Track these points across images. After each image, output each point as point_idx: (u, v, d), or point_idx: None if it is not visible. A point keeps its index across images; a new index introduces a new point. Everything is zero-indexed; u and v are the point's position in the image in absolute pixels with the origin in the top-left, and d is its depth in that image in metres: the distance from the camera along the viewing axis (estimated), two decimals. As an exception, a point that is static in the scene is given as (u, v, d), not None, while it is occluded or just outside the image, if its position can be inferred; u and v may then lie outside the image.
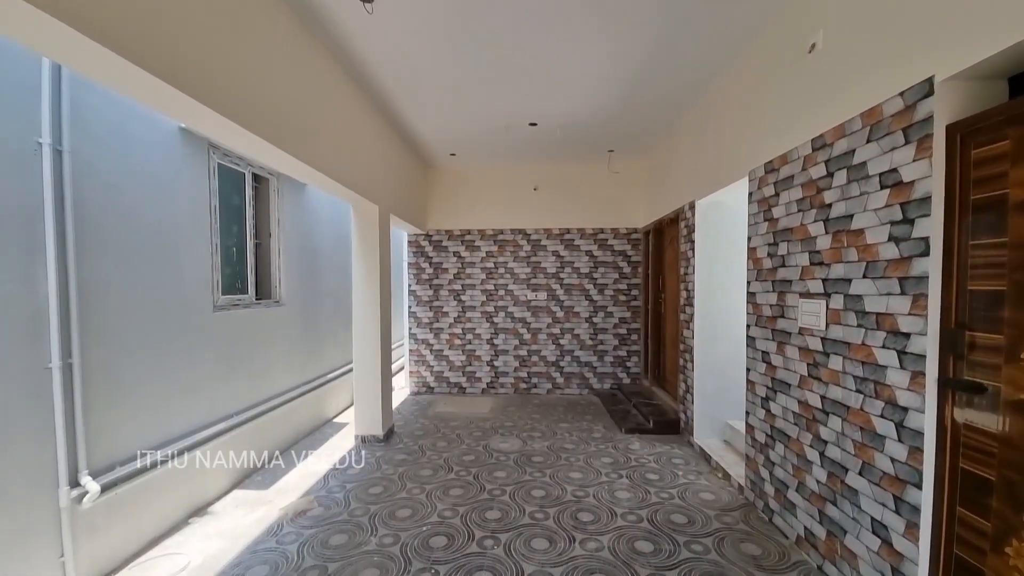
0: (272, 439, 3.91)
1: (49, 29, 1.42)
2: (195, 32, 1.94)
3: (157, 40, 1.75)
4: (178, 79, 1.83)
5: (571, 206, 6.19)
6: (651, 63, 3.39)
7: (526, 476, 3.49)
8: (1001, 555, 1.49)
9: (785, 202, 2.75)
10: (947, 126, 1.73)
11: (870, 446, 2.02)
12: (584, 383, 6.19)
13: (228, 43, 2.15)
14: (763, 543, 2.58)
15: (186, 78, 1.87)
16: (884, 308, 1.97)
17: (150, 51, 1.71)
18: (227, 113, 2.12)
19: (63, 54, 1.64)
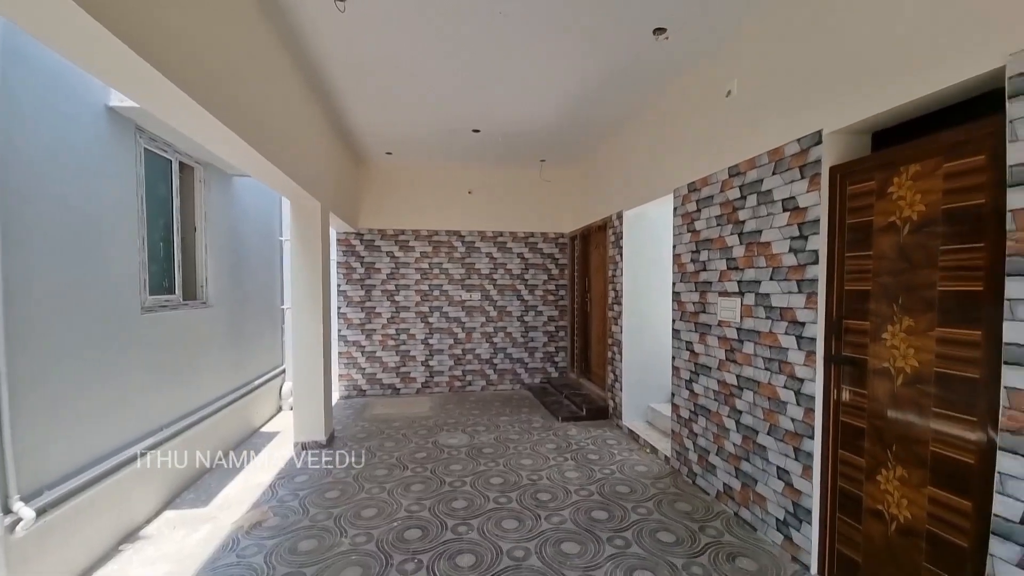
0: (203, 451, 3.58)
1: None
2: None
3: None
4: (129, 36, 1.54)
5: (504, 210, 6.47)
6: (594, 87, 3.79)
7: (481, 467, 3.68)
8: (874, 482, 2.08)
9: (706, 217, 3.31)
10: (830, 167, 2.32)
11: (776, 411, 2.59)
12: (516, 379, 6.52)
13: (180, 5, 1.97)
14: (691, 500, 3.10)
15: (144, 44, 1.64)
16: (786, 304, 2.54)
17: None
18: (184, 86, 1.85)
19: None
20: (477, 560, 2.43)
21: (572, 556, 2.46)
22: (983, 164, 1.69)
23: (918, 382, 1.91)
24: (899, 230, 2.01)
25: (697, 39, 3.05)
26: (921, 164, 1.92)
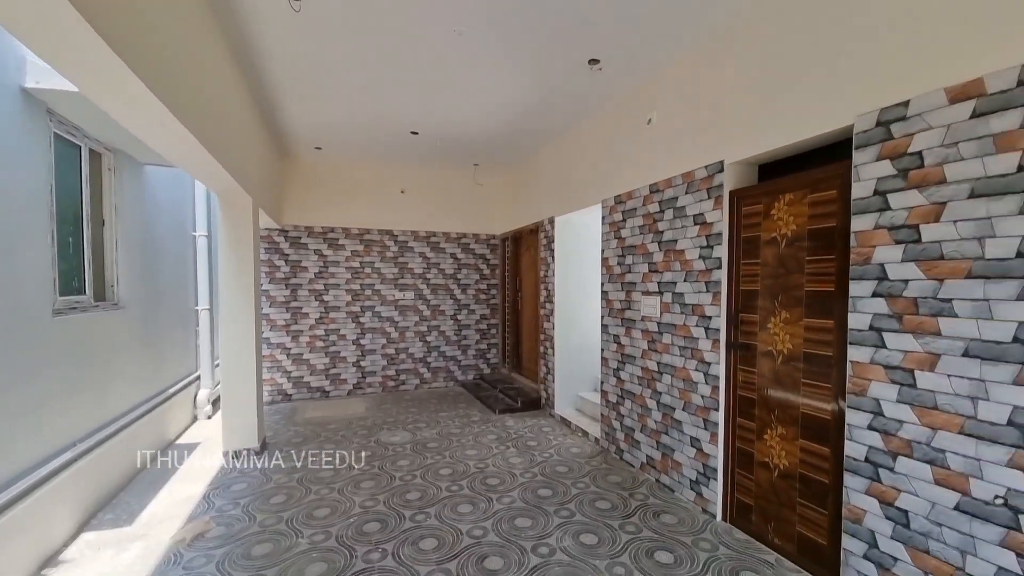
0: (117, 468, 3.27)
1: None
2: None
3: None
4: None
5: (437, 211, 6.58)
6: (533, 103, 4.11)
7: (428, 460, 3.82)
8: (762, 440, 2.64)
9: (630, 226, 3.79)
10: (730, 191, 2.87)
11: (689, 390, 3.11)
12: (450, 376, 6.67)
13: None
14: (620, 473, 3.56)
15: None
16: (696, 301, 3.07)
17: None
18: (133, 64, 1.71)
19: None
20: (440, 543, 2.61)
21: (525, 529, 2.74)
22: (835, 196, 2.27)
23: (792, 360, 2.48)
24: (778, 243, 2.58)
25: (626, 73, 3.50)
26: (793, 194, 2.50)
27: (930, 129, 1.83)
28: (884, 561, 2.00)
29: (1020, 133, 1.59)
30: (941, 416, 1.80)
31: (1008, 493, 1.62)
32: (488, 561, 2.43)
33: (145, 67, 1.84)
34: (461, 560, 2.44)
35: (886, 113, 1.98)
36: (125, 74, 1.75)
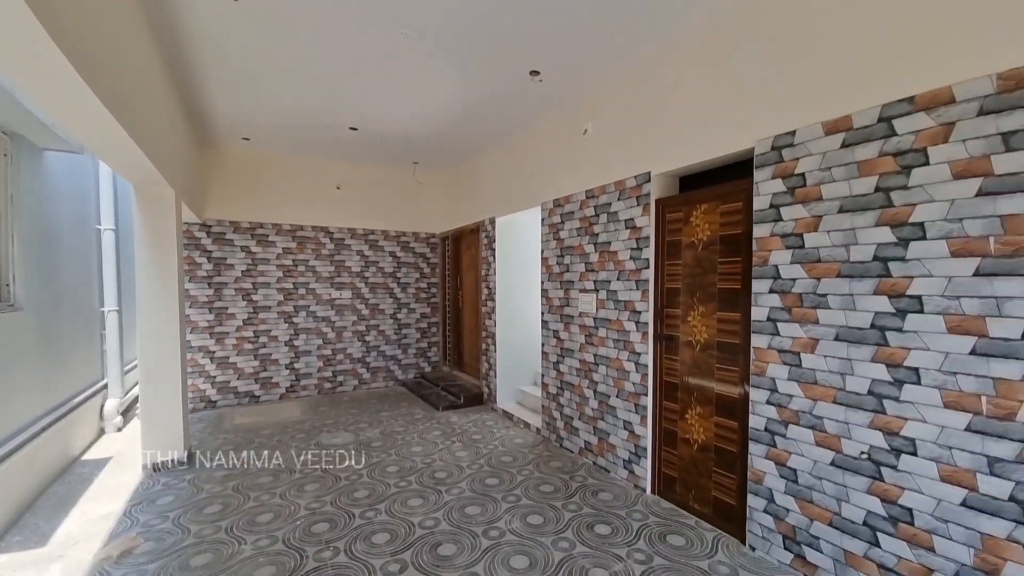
0: (17, 489, 2.93)
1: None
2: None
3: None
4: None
5: (375, 208, 6.47)
6: (474, 106, 4.24)
7: (374, 459, 3.82)
8: (683, 419, 3.00)
9: (568, 228, 4.06)
10: (656, 200, 3.21)
11: (622, 379, 3.43)
12: (390, 376, 6.60)
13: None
14: (561, 459, 3.82)
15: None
16: (628, 298, 3.39)
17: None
18: (55, 34, 1.53)
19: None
20: (392, 536, 2.67)
21: (476, 516, 2.88)
22: (741, 207, 2.66)
23: (707, 348, 2.86)
24: (696, 247, 2.95)
25: (564, 86, 3.74)
26: (708, 204, 2.87)
27: (811, 155, 2.24)
28: (779, 513, 2.40)
29: (877, 161, 2.01)
30: (819, 389, 2.21)
31: (870, 449, 2.05)
32: (442, 548, 2.54)
33: (67, 39, 1.65)
34: (415, 550, 2.53)
35: (779, 140, 2.37)
36: (45, 44, 1.53)
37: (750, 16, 2.53)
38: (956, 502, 1.79)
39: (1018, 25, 1.63)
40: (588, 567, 2.36)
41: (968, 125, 1.75)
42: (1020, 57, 1.62)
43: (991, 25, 1.69)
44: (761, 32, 2.47)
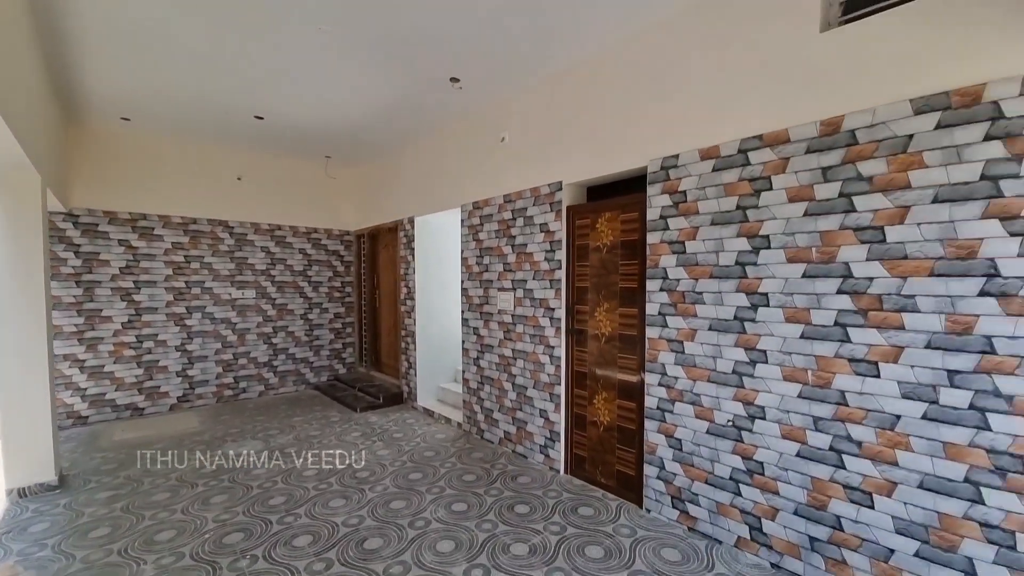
0: None
1: None
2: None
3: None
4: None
5: (283, 202, 6.11)
6: (393, 105, 4.26)
7: (289, 464, 3.68)
8: (592, 404, 3.36)
9: (487, 230, 4.26)
10: (567, 206, 3.53)
11: (538, 371, 3.72)
12: (301, 379, 6.28)
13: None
14: (483, 450, 4.02)
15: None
16: (543, 296, 3.68)
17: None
18: None
19: None
20: (315, 537, 2.65)
21: (401, 509, 2.96)
22: (637, 217, 3.06)
23: (611, 340, 3.24)
24: (601, 250, 3.32)
25: (483, 94, 3.93)
26: (611, 212, 3.25)
27: (691, 176, 2.68)
28: (668, 478, 2.83)
29: (737, 184, 2.48)
30: (697, 371, 2.66)
31: (734, 417, 2.52)
32: (368, 543, 2.59)
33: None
34: (340, 547, 2.55)
35: (666, 161, 2.79)
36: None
37: (635, 53, 2.92)
38: (793, 454, 2.30)
39: (834, 82, 2.15)
40: (510, 543, 2.58)
41: (799, 160, 2.25)
42: (836, 108, 2.14)
43: (814, 80, 2.21)
44: (646, 67, 2.88)
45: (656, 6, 2.69)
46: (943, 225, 1.87)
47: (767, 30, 2.37)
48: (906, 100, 1.95)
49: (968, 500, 1.81)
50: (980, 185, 1.78)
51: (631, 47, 3.00)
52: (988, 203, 1.77)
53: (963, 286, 1.82)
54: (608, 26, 2.90)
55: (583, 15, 2.78)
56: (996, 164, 1.74)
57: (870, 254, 2.05)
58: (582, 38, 3.04)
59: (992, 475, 1.76)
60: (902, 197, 1.96)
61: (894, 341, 1.98)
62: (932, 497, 1.89)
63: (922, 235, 1.92)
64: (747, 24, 2.44)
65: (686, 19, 2.70)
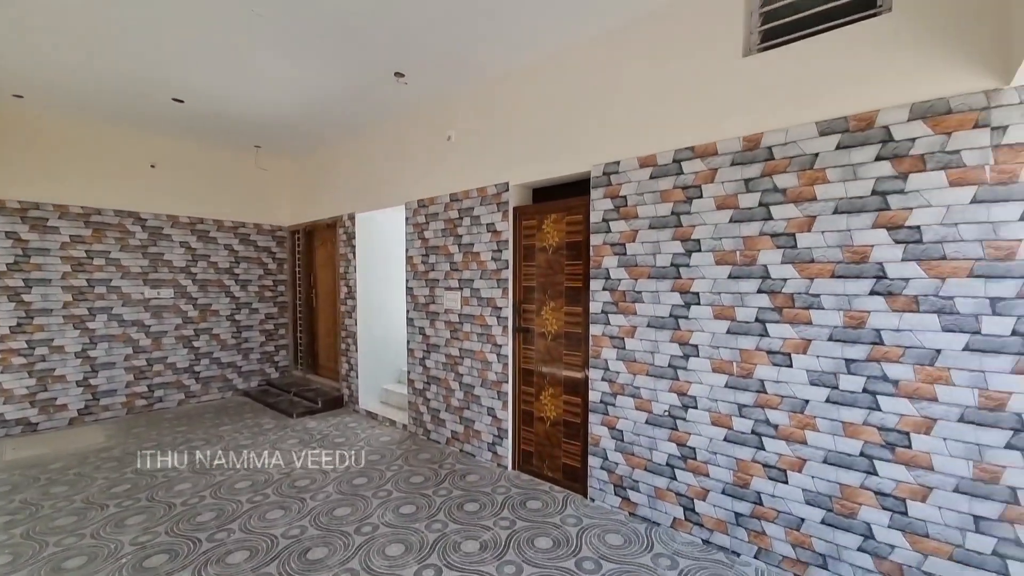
0: None
1: None
2: None
3: None
4: None
5: (205, 194, 5.63)
6: (334, 97, 4.09)
7: (217, 478, 3.43)
8: (539, 400, 3.46)
9: (433, 229, 4.22)
10: (513, 207, 3.60)
11: (486, 369, 3.76)
12: (228, 385, 5.83)
13: None
14: (429, 450, 3.98)
15: None
16: (490, 295, 3.72)
17: None
18: None
19: None
20: (252, 552, 2.50)
21: (346, 516, 2.87)
22: (582, 219, 3.19)
23: (557, 338, 3.35)
24: (547, 251, 3.41)
25: (430, 91, 3.89)
26: (556, 214, 3.36)
27: (631, 182, 2.84)
28: (611, 467, 2.99)
29: (672, 191, 2.67)
30: (637, 365, 2.83)
31: (670, 407, 2.71)
32: (312, 553, 2.49)
33: None
34: (282, 560, 2.43)
35: (608, 167, 2.94)
36: None
37: (580, 61, 3.05)
38: (721, 438, 2.53)
39: (754, 103, 2.38)
40: (460, 541, 2.60)
41: (725, 172, 2.47)
42: (756, 127, 2.37)
43: (738, 100, 2.43)
44: (590, 76, 3.01)
45: (599, 19, 2.82)
46: (842, 233, 2.14)
47: (697, 52, 2.57)
48: (813, 123, 2.21)
49: (864, 472, 2.10)
50: (871, 199, 2.07)
51: (576, 55, 3.11)
52: (877, 215, 2.06)
53: (857, 286, 2.11)
54: (555, 33, 2.99)
55: (530, 22, 2.85)
56: (885, 181, 2.03)
57: (784, 258, 2.30)
58: (530, 42, 3.11)
59: (883, 449, 2.05)
60: (810, 208, 2.22)
61: (803, 335, 2.25)
62: (835, 470, 2.17)
63: (825, 242, 2.19)
64: (680, 44, 2.63)
65: (627, 34, 2.86)
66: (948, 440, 1.91)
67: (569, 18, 2.82)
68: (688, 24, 2.61)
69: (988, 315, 1.82)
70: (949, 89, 1.89)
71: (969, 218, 1.86)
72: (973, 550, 1.87)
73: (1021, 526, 1.78)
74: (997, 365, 1.81)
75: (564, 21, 2.85)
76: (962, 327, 1.88)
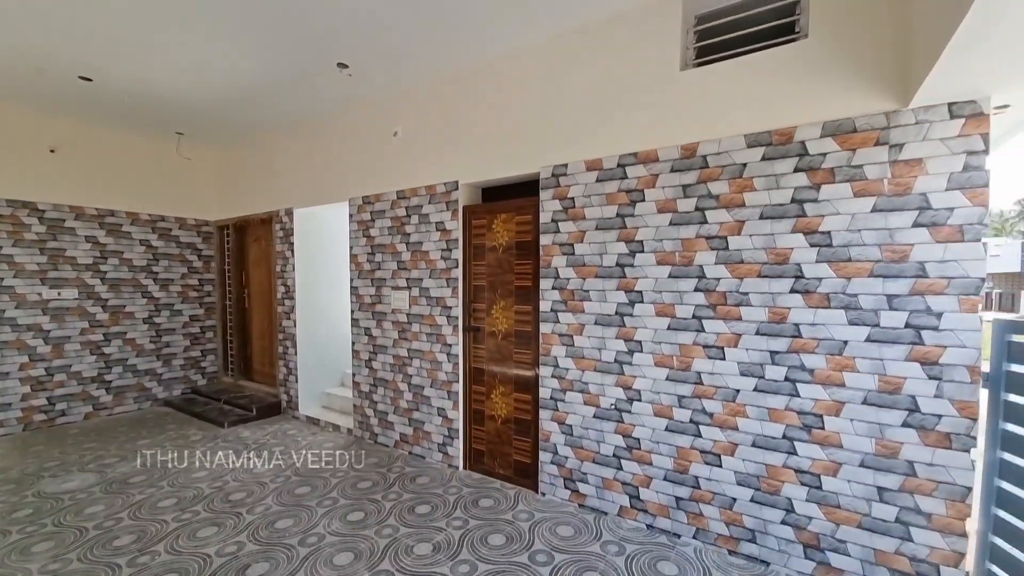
0: None
1: None
2: None
3: None
4: None
5: (117, 184, 5.08)
6: (271, 83, 3.86)
7: (138, 497, 3.12)
8: (490, 399, 3.47)
9: (379, 226, 4.10)
10: (463, 206, 3.58)
11: (435, 369, 3.71)
12: (147, 395, 5.30)
13: None
14: (377, 454, 3.87)
15: None
16: (441, 295, 3.68)
17: None
18: None
19: None
20: (181, 574, 2.31)
21: (289, 528, 2.73)
22: (531, 220, 3.25)
23: (507, 337, 3.39)
24: (497, 250, 3.44)
25: (376, 84, 3.78)
26: (506, 214, 3.39)
27: (578, 184, 2.93)
28: (561, 461, 3.07)
29: (617, 195, 2.79)
30: (586, 362, 2.94)
31: (616, 401, 2.83)
32: (251, 569, 2.34)
33: None
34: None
35: (557, 169, 3.01)
36: None
37: (531, 63, 3.10)
38: (663, 428, 2.68)
39: (691, 114, 2.54)
40: (413, 544, 2.56)
41: (665, 177, 2.63)
42: (693, 136, 2.54)
43: (676, 110, 2.59)
44: (540, 78, 3.07)
45: (549, 24, 2.88)
46: (766, 237, 2.35)
47: (640, 62, 2.70)
48: (742, 135, 2.41)
49: (786, 452, 2.32)
50: (791, 206, 2.29)
51: (526, 59, 3.16)
52: (796, 220, 2.28)
53: (780, 285, 2.32)
54: (505, 35, 3.02)
55: (480, 23, 2.86)
56: (802, 191, 2.26)
57: (717, 259, 2.49)
58: (481, 43, 3.12)
59: (801, 431, 2.28)
60: (739, 213, 2.42)
61: (735, 330, 2.44)
62: (762, 452, 2.38)
63: (752, 244, 2.39)
64: (625, 54, 2.76)
65: (574, 41, 2.94)
66: (854, 421, 2.16)
67: (519, 20, 2.86)
68: (632, 36, 2.73)
69: (886, 310, 2.09)
70: (855, 109, 2.14)
71: (870, 225, 2.12)
72: (879, 518, 2.13)
73: (919, 496, 2.05)
74: (893, 354, 2.08)
75: (514, 23, 2.88)
76: (865, 321, 2.13)
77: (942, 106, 1.97)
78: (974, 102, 1.91)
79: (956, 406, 1.97)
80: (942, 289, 1.99)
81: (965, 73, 1.70)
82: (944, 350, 1.98)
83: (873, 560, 2.14)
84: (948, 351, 1.98)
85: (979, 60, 1.59)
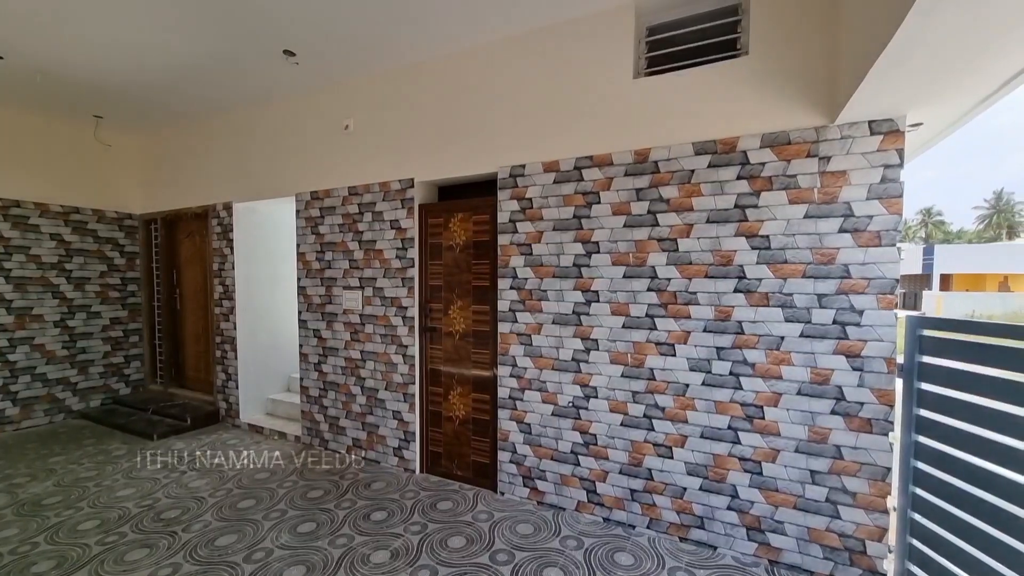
0: None
1: None
2: None
3: None
4: None
5: (23, 172, 4.53)
6: (207, 66, 3.59)
7: (52, 520, 2.79)
8: (447, 400, 3.43)
9: (329, 223, 3.93)
10: (419, 204, 3.51)
11: (390, 371, 3.62)
12: (59, 406, 4.76)
13: None
14: (329, 461, 3.71)
15: None
16: (395, 294, 3.59)
17: None
18: None
19: None
20: (109, 605, 2.10)
21: (232, 544, 2.55)
22: (488, 219, 3.24)
23: (465, 337, 3.36)
24: (454, 249, 3.40)
25: (325, 74, 3.61)
26: (463, 213, 3.36)
27: (536, 185, 2.96)
28: (519, 460, 3.09)
29: (574, 196, 2.84)
30: (544, 361, 2.98)
31: (574, 399, 2.89)
32: (191, 593, 2.17)
33: None
34: (151, 608, 2.08)
35: (515, 169, 3.03)
36: None
37: (489, 62, 3.10)
38: (618, 423, 2.77)
39: (643, 121, 2.64)
40: (369, 553, 2.48)
41: (619, 181, 2.71)
42: (645, 142, 2.64)
43: (630, 117, 2.67)
44: (499, 78, 3.07)
45: (506, 24, 2.88)
46: (712, 239, 2.49)
47: (596, 68, 2.77)
48: (690, 143, 2.53)
49: (730, 442, 2.48)
50: (734, 211, 2.44)
51: (486, 57, 3.14)
52: (739, 225, 2.43)
53: (725, 285, 2.47)
54: (463, 31, 2.98)
55: (438, 16, 2.81)
56: (744, 197, 2.41)
57: (669, 260, 2.60)
58: (434, 37, 3.06)
59: (744, 421, 2.44)
60: (688, 217, 2.55)
61: (684, 327, 2.57)
62: (709, 443, 2.53)
63: (700, 247, 2.53)
64: (581, 58, 2.81)
65: (532, 43, 2.96)
66: (790, 410, 2.35)
67: (478, 15, 2.83)
68: (587, 42, 2.79)
69: (816, 308, 2.28)
70: (790, 123, 2.31)
71: (803, 230, 2.30)
72: (812, 499, 2.33)
73: (846, 476, 2.26)
74: (823, 348, 2.27)
75: (473, 18, 2.86)
76: (798, 318, 2.32)
77: (863, 123, 2.18)
78: (891, 120, 2.13)
79: (875, 394, 2.19)
80: (863, 289, 2.20)
81: (884, 94, 1.88)
82: (865, 344, 2.20)
83: (807, 538, 2.33)
84: (868, 344, 2.19)
85: (897, 82, 1.77)
